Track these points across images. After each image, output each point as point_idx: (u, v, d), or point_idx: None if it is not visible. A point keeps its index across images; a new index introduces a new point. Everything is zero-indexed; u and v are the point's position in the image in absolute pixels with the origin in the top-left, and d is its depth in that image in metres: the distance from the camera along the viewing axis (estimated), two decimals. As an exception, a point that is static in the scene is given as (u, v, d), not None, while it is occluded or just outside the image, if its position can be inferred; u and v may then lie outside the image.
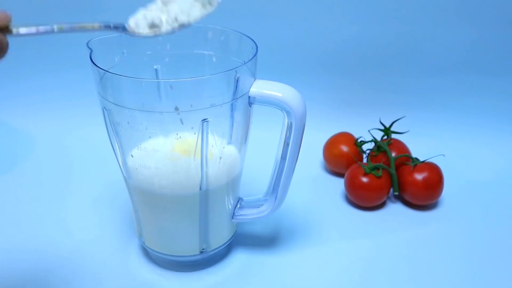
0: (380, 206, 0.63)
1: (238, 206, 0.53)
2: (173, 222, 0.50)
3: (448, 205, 0.63)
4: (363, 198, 0.62)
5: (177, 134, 0.45)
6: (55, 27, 0.36)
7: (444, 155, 0.65)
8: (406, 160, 0.64)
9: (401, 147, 0.66)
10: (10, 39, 0.38)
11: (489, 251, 0.56)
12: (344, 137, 0.69)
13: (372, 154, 0.66)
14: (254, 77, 0.46)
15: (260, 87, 0.45)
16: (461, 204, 0.63)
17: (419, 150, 0.67)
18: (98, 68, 0.43)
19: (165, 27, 0.38)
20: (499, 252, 0.56)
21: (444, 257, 0.55)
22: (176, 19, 0.38)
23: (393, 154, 0.64)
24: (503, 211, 0.62)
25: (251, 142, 0.51)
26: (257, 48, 0.46)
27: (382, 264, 0.54)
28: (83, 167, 0.70)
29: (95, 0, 0.76)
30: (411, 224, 0.60)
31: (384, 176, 0.62)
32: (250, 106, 0.46)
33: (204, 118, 0.43)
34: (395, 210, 0.63)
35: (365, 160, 0.68)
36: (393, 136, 0.68)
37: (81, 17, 0.76)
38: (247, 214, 0.53)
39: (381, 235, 0.58)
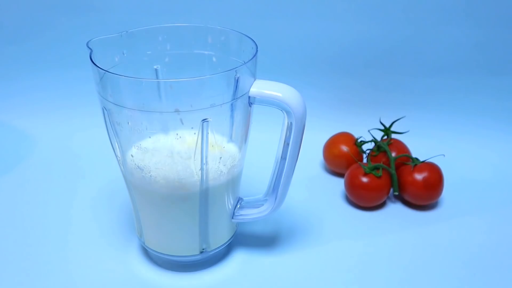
0: (380, 206, 0.63)
1: (238, 206, 0.53)
2: (173, 222, 0.50)
3: (448, 205, 0.63)
4: (363, 198, 0.62)
5: (177, 134, 0.45)
6: None
7: (444, 155, 0.65)
8: (406, 160, 0.64)
9: (401, 147, 0.66)
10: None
11: (489, 251, 0.56)
12: (344, 137, 0.69)
13: (372, 154, 0.66)
14: (254, 77, 0.46)
15: (260, 87, 0.45)
16: (461, 204, 0.63)
17: (419, 150, 0.67)
18: (98, 68, 0.43)
19: None
20: (499, 252, 0.56)
21: (444, 257, 0.55)
22: None
23: (393, 154, 0.64)
24: (503, 211, 0.62)
25: (251, 142, 0.51)
26: (257, 48, 0.46)
27: (382, 264, 0.54)
28: (83, 167, 0.70)
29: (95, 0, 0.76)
30: (411, 224, 0.60)
31: (384, 176, 0.62)
32: (250, 106, 0.46)
33: (204, 118, 0.43)
34: (395, 210, 0.63)
35: (365, 160, 0.68)
36: (393, 136, 0.68)
37: (81, 17, 0.76)
38: (247, 214, 0.53)
39: (381, 235, 0.58)
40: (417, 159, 0.63)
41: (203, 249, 0.51)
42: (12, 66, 0.80)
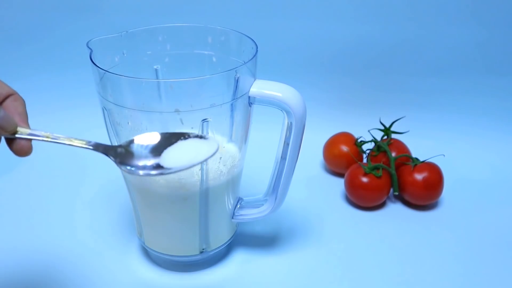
0: (380, 206, 0.63)
1: (238, 206, 0.53)
2: (173, 222, 0.50)
3: (448, 205, 0.63)
4: (363, 198, 0.62)
5: (177, 134, 0.45)
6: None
7: (444, 155, 0.65)
8: (406, 160, 0.64)
9: (401, 147, 0.66)
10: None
11: (489, 251, 0.56)
12: (344, 137, 0.69)
13: (372, 154, 0.66)
14: (254, 77, 0.46)
15: (260, 87, 0.45)
16: (461, 204, 0.63)
17: (419, 150, 0.67)
18: (98, 68, 0.43)
19: None
20: (499, 252, 0.56)
21: (444, 257, 0.55)
22: None
23: (393, 154, 0.64)
24: (503, 211, 0.62)
25: (251, 142, 0.51)
26: (257, 48, 0.46)
27: (382, 264, 0.54)
28: (83, 167, 0.70)
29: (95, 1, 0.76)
30: (411, 224, 0.60)
31: (384, 176, 0.62)
32: (250, 106, 0.46)
33: (204, 118, 0.43)
34: (395, 210, 0.63)
35: (365, 160, 0.68)
36: (393, 136, 0.68)
37: (81, 17, 0.76)
38: (247, 214, 0.53)
39: (381, 235, 0.58)
40: (417, 159, 0.63)
41: (203, 249, 0.51)
42: (12, 66, 0.80)
